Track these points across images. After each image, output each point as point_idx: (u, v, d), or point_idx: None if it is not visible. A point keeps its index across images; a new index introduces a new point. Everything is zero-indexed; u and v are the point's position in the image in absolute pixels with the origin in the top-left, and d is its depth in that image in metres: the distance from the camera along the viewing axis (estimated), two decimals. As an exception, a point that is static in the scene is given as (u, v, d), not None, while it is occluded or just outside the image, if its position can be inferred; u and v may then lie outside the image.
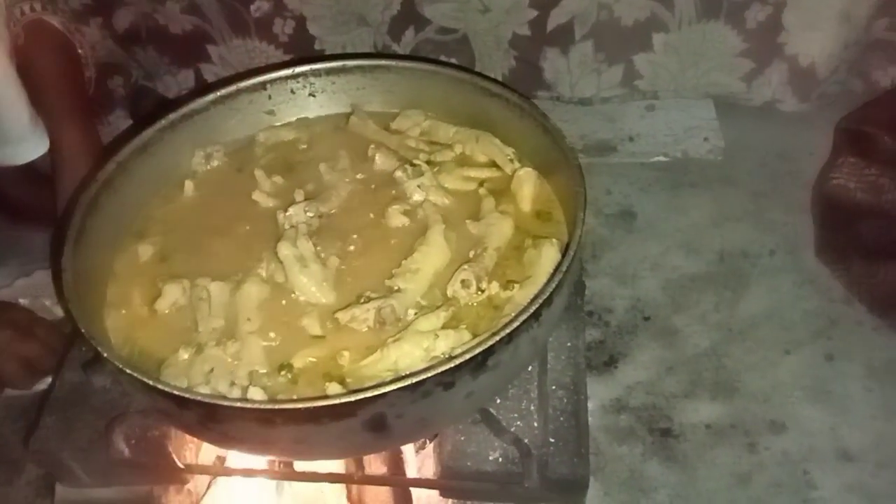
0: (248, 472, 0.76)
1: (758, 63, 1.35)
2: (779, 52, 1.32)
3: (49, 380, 0.98)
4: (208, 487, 0.84)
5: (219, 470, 0.79)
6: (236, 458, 0.77)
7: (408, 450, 0.80)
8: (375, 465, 0.78)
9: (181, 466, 0.75)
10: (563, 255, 0.67)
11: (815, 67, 1.32)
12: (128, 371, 0.60)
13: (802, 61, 1.32)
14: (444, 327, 0.69)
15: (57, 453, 0.75)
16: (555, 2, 1.29)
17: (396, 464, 0.79)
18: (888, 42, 1.31)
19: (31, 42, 1.09)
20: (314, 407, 0.58)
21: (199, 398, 0.59)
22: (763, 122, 1.40)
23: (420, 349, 0.67)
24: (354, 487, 0.83)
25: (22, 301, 1.05)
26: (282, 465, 0.74)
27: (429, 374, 0.58)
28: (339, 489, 0.83)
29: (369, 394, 0.57)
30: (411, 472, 0.79)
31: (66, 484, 0.80)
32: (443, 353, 0.66)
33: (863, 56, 1.32)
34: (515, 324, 0.62)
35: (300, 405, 0.58)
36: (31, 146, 1.10)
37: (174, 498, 0.81)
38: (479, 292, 0.72)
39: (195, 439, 0.77)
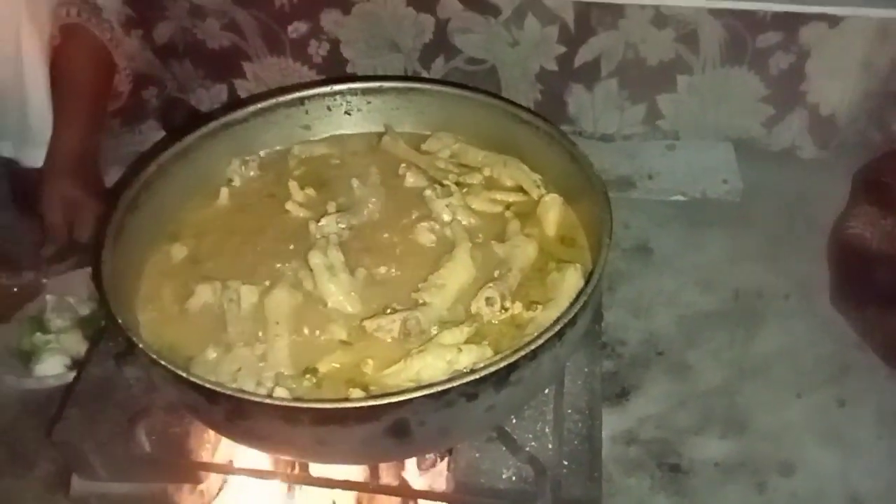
0: (265, 474, 0.77)
1: (779, 109, 1.37)
2: (800, 99, 1.35)
3: (73, 375, 1.00)
4: (220, 489, 0.84)
5: (236, 470, 0.80)
6: (253, 459, 0.78)
7: (422, 464, 0.80)
8: (389, 476, 0.78)
9: (200, 465, 0.76)
10: (589, 277, 0.69)
11: (835, 116, 1.35)
12: (161, 363, 0.61)
13: (823, 110, 1.35)
14: (466, 342, 0.71)
15: (78, 445, 0.76)
16: (583, 39, 1.33)
17: (410, 477, 0.79)
18: (907, 95, 1.33)
19: (66, 45, 1.10)
20: (340, 408, 0.59)
21: (229, 392, 0.60)
22: (782, 167, 1.42)
23: (443, 361, 0.68)
24: (366, 497, 0.83)
25: (49, 297, 1.07)
26: (298, 469, 0.75)
27: (454, 384, 0.60)
28: (350, 498, 0.84)
29: (395, 399, 0.59)
30: (424, 485, 0.79)
31: (83, 477, 0.81)
32: (465, 367, 0.68)
33: (882, 107, 1.34)
34: (540, 341, 0.63)
35: (328, 405, 0.59)
36: None
37: (187, 498, 0.81)
38: (503, 311, 0.74)
39: (213, 439, 0.78)
